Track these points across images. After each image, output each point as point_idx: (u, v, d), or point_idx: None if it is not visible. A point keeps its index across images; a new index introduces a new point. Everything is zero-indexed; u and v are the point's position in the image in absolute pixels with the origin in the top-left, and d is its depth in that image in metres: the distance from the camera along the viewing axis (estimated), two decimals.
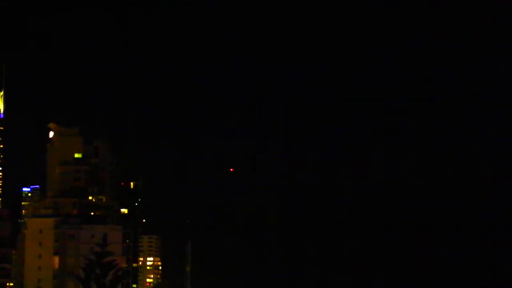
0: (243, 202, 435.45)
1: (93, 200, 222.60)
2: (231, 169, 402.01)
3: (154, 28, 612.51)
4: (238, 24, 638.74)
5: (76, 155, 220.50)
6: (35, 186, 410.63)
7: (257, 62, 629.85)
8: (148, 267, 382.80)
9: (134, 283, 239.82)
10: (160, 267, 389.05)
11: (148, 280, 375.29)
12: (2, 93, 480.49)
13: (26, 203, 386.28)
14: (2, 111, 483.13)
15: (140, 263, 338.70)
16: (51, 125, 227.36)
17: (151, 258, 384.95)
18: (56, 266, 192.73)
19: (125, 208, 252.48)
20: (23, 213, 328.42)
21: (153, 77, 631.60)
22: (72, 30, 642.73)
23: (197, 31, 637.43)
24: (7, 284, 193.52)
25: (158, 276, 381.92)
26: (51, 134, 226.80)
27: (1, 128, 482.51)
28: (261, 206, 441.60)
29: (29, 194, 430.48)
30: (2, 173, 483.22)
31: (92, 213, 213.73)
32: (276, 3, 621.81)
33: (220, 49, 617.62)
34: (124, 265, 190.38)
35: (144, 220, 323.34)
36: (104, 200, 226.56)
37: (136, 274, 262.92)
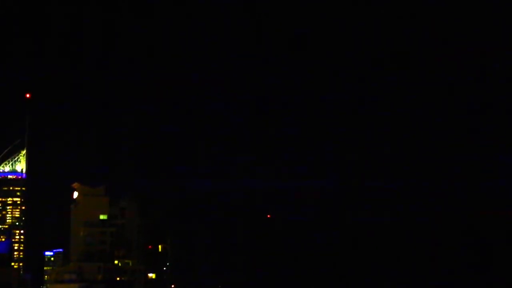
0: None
1: (119, 264, 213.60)
2: (269, 215, 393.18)
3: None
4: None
5: (102, 217, 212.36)
6: (58, 250, 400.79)
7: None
8: None
9: None
10: None
11: None
12: (24, 152, 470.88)
13: (48, 267, 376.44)
14: (24, 171, 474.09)
15: None
16: (75, 184, 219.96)
17: None
18: None
19: (152, 272, 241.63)
20: (46, 278, 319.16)
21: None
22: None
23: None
24: None
25: None
26: (75, 194, 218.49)
27: (23, 188, 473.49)
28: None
29: (52, 259, 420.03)
30: (24, 237, 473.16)
31: (118, 278, 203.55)
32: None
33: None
34: None
35: (173, 286, 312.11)
36: (130, 264, 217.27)
37: None
